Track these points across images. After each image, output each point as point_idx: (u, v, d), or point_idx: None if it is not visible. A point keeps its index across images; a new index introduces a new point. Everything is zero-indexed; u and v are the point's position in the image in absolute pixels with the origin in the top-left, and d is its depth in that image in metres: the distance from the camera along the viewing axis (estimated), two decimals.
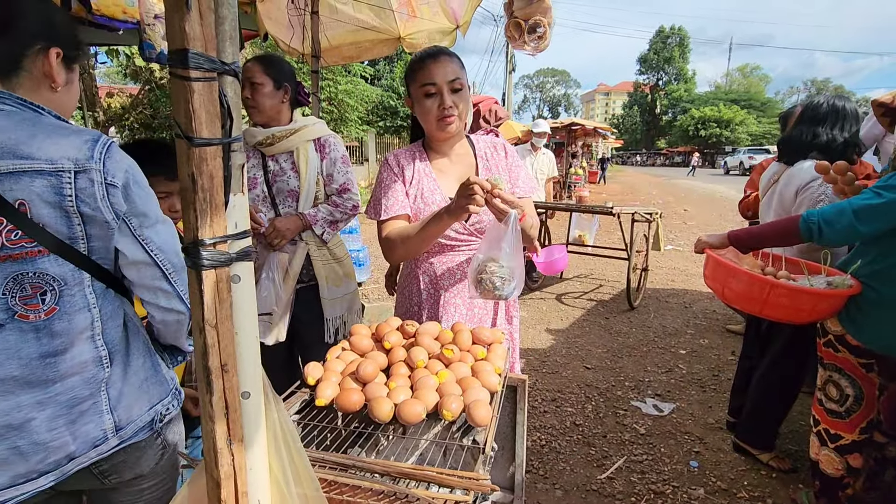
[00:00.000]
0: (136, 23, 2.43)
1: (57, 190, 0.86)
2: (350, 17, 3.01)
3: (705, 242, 1.76)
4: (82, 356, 0.94)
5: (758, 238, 1.71)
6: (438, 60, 1.33)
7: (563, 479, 2.22)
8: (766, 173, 2.44)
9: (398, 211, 1.40)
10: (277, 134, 1.82)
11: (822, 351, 1.70)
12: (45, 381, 0.91)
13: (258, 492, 0.66)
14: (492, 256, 1.19)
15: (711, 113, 42.65)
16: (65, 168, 0.86)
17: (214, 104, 0.52)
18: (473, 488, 0.75)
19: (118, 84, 12.86)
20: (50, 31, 0.93)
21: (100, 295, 0.96)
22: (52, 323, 0.91)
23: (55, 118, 0.93)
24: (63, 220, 0.88)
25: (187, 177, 0.52)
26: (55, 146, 0.86)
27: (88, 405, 0.96)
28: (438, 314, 1.44)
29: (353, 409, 0.99)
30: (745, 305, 1.64)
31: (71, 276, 0.91)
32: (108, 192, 0.90)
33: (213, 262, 0.55)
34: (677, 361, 3.50)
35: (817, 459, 1.74)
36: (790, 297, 1.50)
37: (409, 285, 1.52)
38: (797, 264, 1.75)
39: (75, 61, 0.99)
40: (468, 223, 1.42)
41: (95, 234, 0.92)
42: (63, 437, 0.93)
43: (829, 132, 2.03)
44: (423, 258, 1.47)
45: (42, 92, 0.94)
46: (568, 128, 12.39)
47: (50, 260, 0.89)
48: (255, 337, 0.63)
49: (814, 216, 1.53)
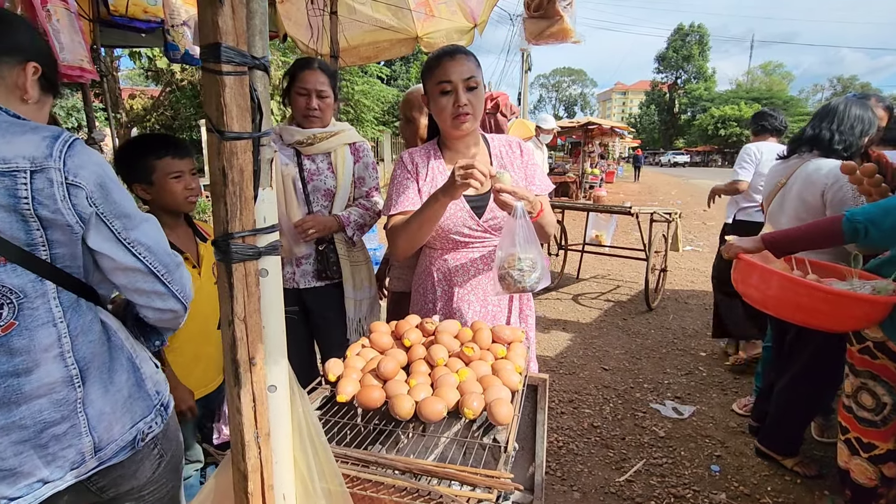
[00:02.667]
0: (159, 22, 2.47)
1: (11, 192, 0.78)
2: (368, 16, 3.03)
3: (739, 247, 1.68)
4: (49, 376, 0.86)
5: (795, 241, 1.62)
6: (455, 58, 1.33)
7: (581, 482, 2.19)
8: (771, 177, 2.38)
9: (407, 206, 1.40)
10: (319, 135, 1.86)
11: (856, 358, 1.63)
12: (6, 404, 0.83)
13: (283, 486, 0.66)
14: (509, 251, 1.22)
15: (732, 112, 41.78)
16: (20, 167, 0.78)
17: (245, 98, 0.52)
18: (497, 487, 0.75)
19: (140, 86, 13.16)
20: (31, 48, 0.90)
21: (68, 308, 0.88)
22: (11, 340, 0.82)
23: (12, 116, 0.85)
24: (20, 225, 0.80)
25: (218, 171, 0.52)
26: (9, 145, 0.79)
27: (64, 428, 0.88)
28: (452, 310, 1.45)
29: (373, 406, 0.99)
30: (789, 314, 1.53)
31: (31, 288, 0.83)
32: (69, 192, 0.82)
33: (243, 255, 0.55)
34: (697, 364, 3.44)
35: (848, 468, 1.69)
36: (843, 305, 1.39)
37: (423, 282, 1.53)
38: (826, 268, 1.69)
39: (51, 90, 0.96)
40: (482, 220, 1.41)
41: (57, 240, 0.84)
42: (31, 461, 0.86)
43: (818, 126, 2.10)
44: (438, 255, 1.47)
45: (10, 100, 0.88)
46: (585, 127, 12.26)
47: (6, 270, 0.80)
48: (282, 331, 0.63)
49: (859, 216, 1.45)
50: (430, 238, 1.44)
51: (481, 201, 1.42)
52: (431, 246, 1.49)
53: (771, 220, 2.30)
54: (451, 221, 1.40)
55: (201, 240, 1.61)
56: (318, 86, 1.80)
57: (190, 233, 1.60)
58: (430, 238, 1.44)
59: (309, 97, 1.80)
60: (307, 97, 1.80)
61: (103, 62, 3.22)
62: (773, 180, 2.32)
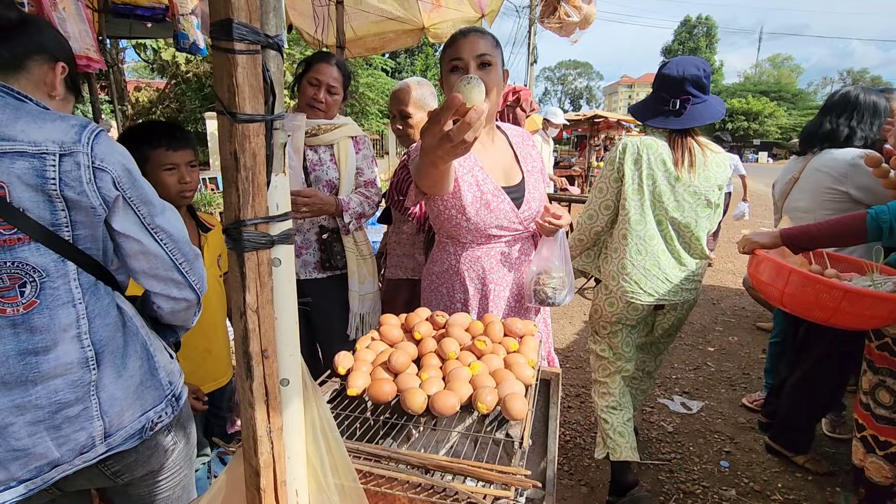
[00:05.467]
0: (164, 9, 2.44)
1: (39, 173, 0.81)
2: (374, 7, 2.99)
3: (755, 242, 1.61)
4: (67, 357, 0.88)
5: (815, 238, 1.56)
6: (468, 37, 1.28)
7: (589, 476, 2.18)
8: (784, 173, 2.33)
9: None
10: (323, 126, 1.84)
11: (875, 354, 1.59)
12: (23, 383, 0.85)
13: (296, 481, 0.65)
14: (544, 269, 1.36)
15: (739, 105, 41.28)
16: (49, 151, 0.82)
17: (258, 79, 0.50)
18: (513, 483, 0.73)
19: (146, 78, 13.14)
20: (60, 49, 0.97)
21: (87, 290, 0.90)
22: (32, 318, 0.84)
23: (40, 107, 0.89)
24: (46, 205, 0.83)
25: (229, 154, 0.50)
26: (40, 130, 0.83)
27: (77, 410, 0.90)
28: (489, 309, 1.40)
29: (384, 400, 0.97)
30: (808, 312, 1.46)
31: (54, 267, 0.85)
32: (95, 175, 0.85)
33: (255, 243, 0.53)
34: (706, 359, 3.41)
35: (862, 466, 1.66)
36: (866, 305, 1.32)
37: (446, 281, 1.44)
38: (844, 261, 1.65)
39: (74, 91, 1.01)
40: (520, 211, 1.37)
41: (81, 221, 0.87)
42: (45, 443, 0.87)
43: (835, 122, 2.06)
44: (468, 251, 1.39)
45: (38, 95, 0.92)
46: (591, 120, 12.14)
47: (31, 248, 0.83)
48: (294, 323, 0.61)
49: (884, 214, 1.41)
50: (463, 232, 1.36)
51: (517, 192, 1.39)
52: (459, 241, 1.40)
53: (787, 213, 2.26)
54: (493, 214, 1.34)
55: (203, 231, 1.59)
56: (330, 80, 1.79)
57: (193, 224, 1.58)
58: (461, 232, 1.37)
59: (319, 88, 1.79)
60: (317, 88, 1.79)
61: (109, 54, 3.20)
62: (787, 176, 2.29)
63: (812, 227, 1.58)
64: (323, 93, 1.79)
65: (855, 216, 1.49)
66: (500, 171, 1.40)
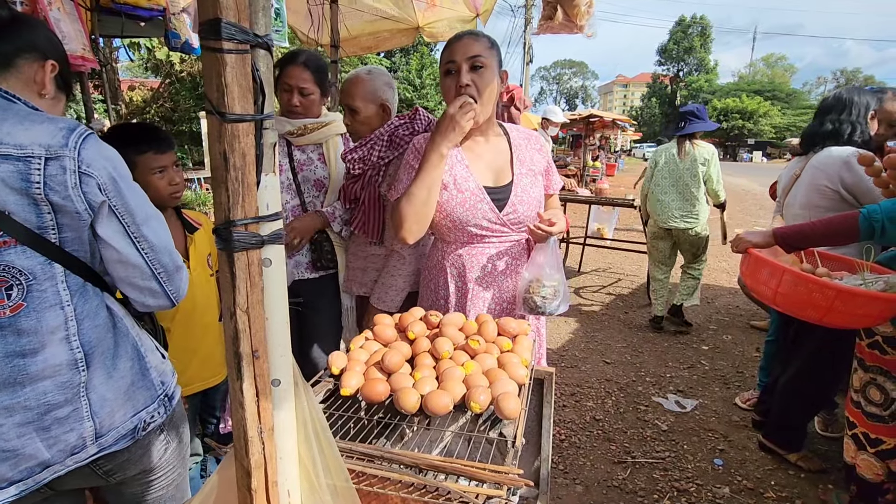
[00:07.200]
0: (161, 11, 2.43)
1: (24, 176, 0.80)
2: (369, 6, 2.98)
3: (748, 241, 1.62)
4: (55, 359, 0.87)
5: (807, 237, 1.57)
6: (462, 40, 1.30)
7: (584, 475, 2.18)
8: (787, 171, 2.37)
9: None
10: (309, 125, 1.82)
11: (866, 353, 1.60)
12: (11, 385, 0.85)
13: (288, 482, 0.65)
14: (536, 276, 1.30)
15: (734, 104, 41.51)
16: (35, 154, 0.81)
17: (247, 78, 0.50)
18: (506, 482, 0.73)
19: (139, 78, 13.05)
20: (51, 48, 0.95)
21: (75, 292, 0.90)
22: (19, 320, 0.84)
23: (29, 107, 0.88)
24: (31, 209, 0.82)
25: (219, 154, 0.50)
26: (26, 132, 0.82)
27: (67, 412, 0.89)
28: (466, 308, 1.40)
29: (378, 400, 0.97)
30: (803, 313, 1.47)
31: (40, 270, 0.85)
32: (80, 180, 0.84)
33: (245, 243, 0.53)
34: (699, 357, 3.42)
35: (854, 463, 1.67)
36: (857, 304, 1.34)
37: (434, 277, 1.47)
38: (836, 259, 1.66)
39: (65, 90, 1.00)
40: (502, 213, 1.36)
41: (67, 224, 0.86)
42: (34, 444, 0.87)
43: (836, 120, 2.13)
44: (452, 249, 1.41)
45: (28, 95, 0.91)
46: (586, 120, 12.17)
47: (17, 251, 0.82)
48: (285, 323, 0.61)
49: (876, 213, 1.42)
50: (445, 230, 1.39)
51: (502, 194, 1.37)
52: (445, 239, 1.43)
53: (787, 215, 2.28)
54: (469, 213, 1.34)
55: (190, 231, 1.59)
56: (300, 83, 1.74)
57: (178, 225, 1.57)
58: (444, 230, 1.39)
59: (291, 93, 1.75)
60: (289, 93, 1.75)
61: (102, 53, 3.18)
62: (789, 173, 2.32)
63: (805, 226, 1.59)
64: (296, 96, 1.75)
65: (847, 215, 1.50)
66: (490, 172, 1.39)
